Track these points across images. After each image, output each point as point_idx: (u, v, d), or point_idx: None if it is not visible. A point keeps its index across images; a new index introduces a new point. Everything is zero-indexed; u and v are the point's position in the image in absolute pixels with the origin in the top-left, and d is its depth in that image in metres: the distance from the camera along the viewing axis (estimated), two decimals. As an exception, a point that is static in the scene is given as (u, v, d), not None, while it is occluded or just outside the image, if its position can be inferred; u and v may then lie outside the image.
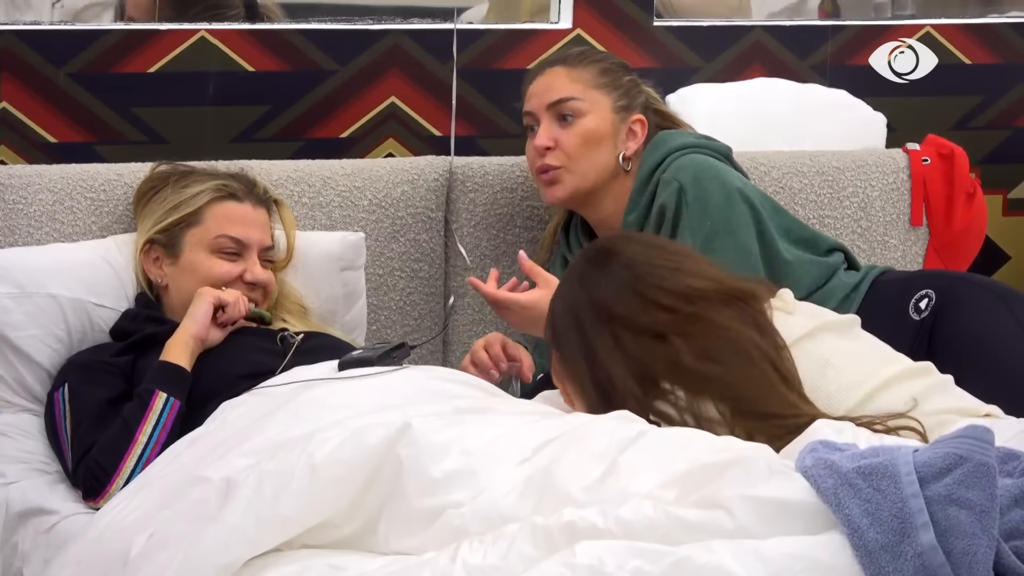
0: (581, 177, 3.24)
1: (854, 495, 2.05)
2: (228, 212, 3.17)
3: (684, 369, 2.45)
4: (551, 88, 3.26)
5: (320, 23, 3.72)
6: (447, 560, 2.14)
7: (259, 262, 3.17)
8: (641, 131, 3.28)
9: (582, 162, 3.23)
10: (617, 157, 3.25)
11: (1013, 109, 4.14)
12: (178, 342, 2.99)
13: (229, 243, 3.15)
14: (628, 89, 3.30)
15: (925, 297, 3.10)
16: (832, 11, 4.17)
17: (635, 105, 3.30)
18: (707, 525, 2.08)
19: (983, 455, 2.05)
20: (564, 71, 3.27)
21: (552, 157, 3.23)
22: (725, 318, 2.48)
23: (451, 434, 2.31)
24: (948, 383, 2.68)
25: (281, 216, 3.30)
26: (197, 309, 3.03)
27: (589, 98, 3.25)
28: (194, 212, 3.16)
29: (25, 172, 3.33)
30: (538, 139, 3.24)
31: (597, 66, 3.29)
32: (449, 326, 3.56)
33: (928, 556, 2.00)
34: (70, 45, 3.56)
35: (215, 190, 3.18)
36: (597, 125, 3.24)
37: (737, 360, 2.45)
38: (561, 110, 3.24)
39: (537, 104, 3.27)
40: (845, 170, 3.71)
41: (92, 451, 2.87)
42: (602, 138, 3.24)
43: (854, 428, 2.35)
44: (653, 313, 2.48)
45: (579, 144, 3.23)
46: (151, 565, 2.30)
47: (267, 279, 3.17)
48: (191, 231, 3.16)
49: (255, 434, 2.49)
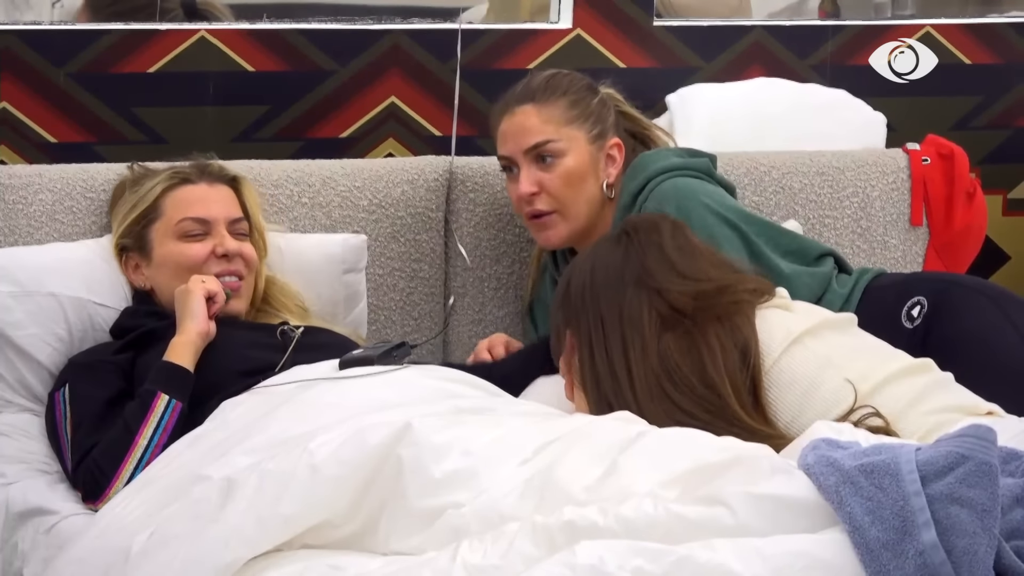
0: (574, 218, 3.20)
1: (856, 493, 2.05)
2: (184, 196, 3.16)
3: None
4: (525, 131, 3.20)
5: (320, 23, 3.72)
6: (447, 560, 2.15)
7: (231, 235, 3.15)
8: (619, 154, 3.24)
9: (571, 203, 3.19)
10: (602, 186, 3.23)
11: (1013, 109, 4.14)
12: (183, 343, 2.97)
13: (192, 225, 3.13)
14: (599, 114, 3.25)
15: (917, 305, 3.09)
16: (832, 11, 4.17)
17: (608, 128, 3.25)
18: (708, 522, 2.08)
19: (985, 454, 2.05)
20: (534, 111, 3.20)
21: (541, 202, 3.19)
22: (712, 335, 2.56)
23: (452, 434, 2.31)
24: (949, 380, 2.68)
25: (244, 193, 3.25)
26: (193, 305, 3.00)
27: (565, 136, 3.19)
28: (152, 206, 3.16)
29: (25, 172, 3.33)
30: (522, 187, 3.19)
31: (565, 99, 3.21)
32: (449, 326, 3.55)
33: (929, 554, 2.00)
34: (70, 45, 3.56)
35: (167, 179, 3.18)
36: (577, 162, 3.19)
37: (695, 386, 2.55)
38: (539, 152, 3.19)
39: (514, 148, 3.21)
40: (845, 170, 3.71)
41: (92, 453, 2.86)
42: (585, 174, 3.20)
43: (853, 429, 2.35)
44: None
45: (564, 185, 3.18)
46: (152, 564, 2.30)
47: (240, 248, 3.14)
48: (155, 226, 3.15)
49: (256, 433, 2.49)
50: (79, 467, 2.88)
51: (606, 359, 2.62)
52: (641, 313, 2.62)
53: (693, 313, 2.62)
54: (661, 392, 2.57)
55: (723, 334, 2.60)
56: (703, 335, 2.60)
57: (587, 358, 2.64)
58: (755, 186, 3.61)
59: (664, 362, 2.58)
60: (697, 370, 2.57)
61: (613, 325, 2.63)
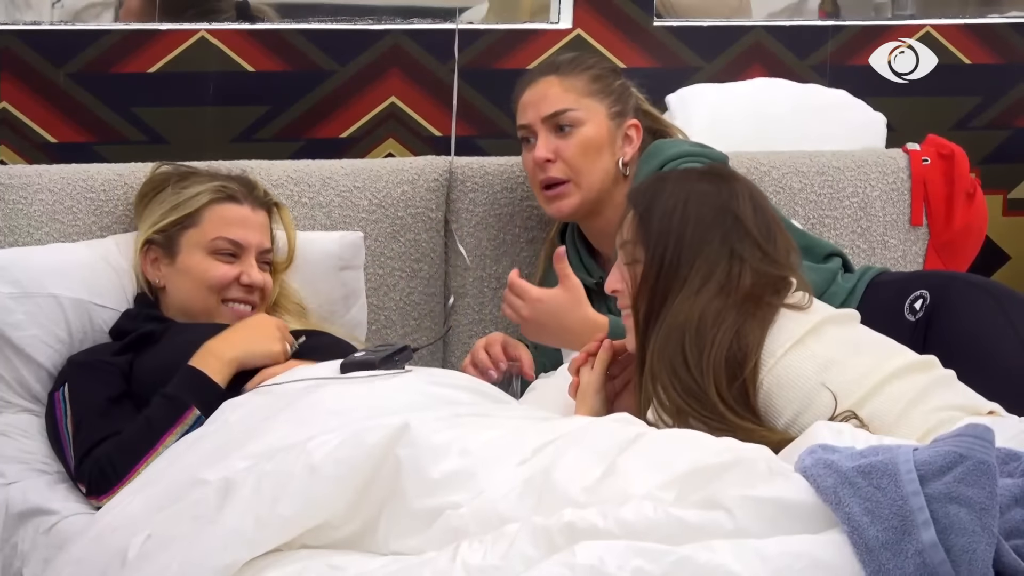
0: (587, 189, 3.22)
1: (854, 493, 2.05)
2: (226, 214, 3.16)
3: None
4: (545, 99, 3.24)
5: (320, 23, 3.72)
6: (447, 560, 2.15)
7: (257, 264, 3.16)
8: (637, 136, 3.28)
9: (586, 172, 3.22)
10: (617, 163, 3.25)
11: (1013, 109, 4.14)
12: (230, 360, 2.93)
13: (227, 245, 3.14)
14: (620, 94, 3.29)
15: (920, 298, 3.10)
16: (832, 11, 4.17)
17: (628, 110, 3.29)
18: (707, 526, 2.08)
19: (983, 453, 2.05)
20: (556, 80, 3.25)
21: (555, 169, 3.22)
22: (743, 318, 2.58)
23: (450, 435, 2.31)
24: (951, 378, 2.68)
25: (282, 219, 3.28)
26: (272, 347, 2.96)
27: (584, 107, 3.23)
28: (192, 213, 3.15)
29: (25, 172, 3.33)
30: (538, 151, 3.22)
31: (588, 73, 3.27)
32: (449, 326, 3.55)
33: (929, 554, 2.00)
34: (70, 45, 3.56)
35: (214, 191, 3.17)
36: (595, 133, 3.23)
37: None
38: (558, 121, 3.22)
39: (533, 116, 3.25)
40: (845, 170, 3.71)
41: (104, 446, 2.84)
42: (601, 146, 3.24)
43: (852, 430, 2.35)
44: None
45: (580, 154, 3.22)
46: (151, 566, 2.30)
47: (264, 282, 3.16)
48: (188, 232, 3.15)
49: (256, 438, 2.48)
50: (84, 460, 2.87)
51: (663, 286, 2.62)
52: (714, 267, 2.62)
53: (746, 293, 2.61)
54: (673, 345, 2.57)
55: (735, 327, 2.59)
56: (726, 318, 2.60)
57: (651, 276, 2.64)
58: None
59: (692, 322, 2.58)
60: (699, 347, 2.58)
61: (687, 261, 2.62)
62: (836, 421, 2.46)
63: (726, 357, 2.55)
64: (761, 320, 2.60)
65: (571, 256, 3.30)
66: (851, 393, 2.56)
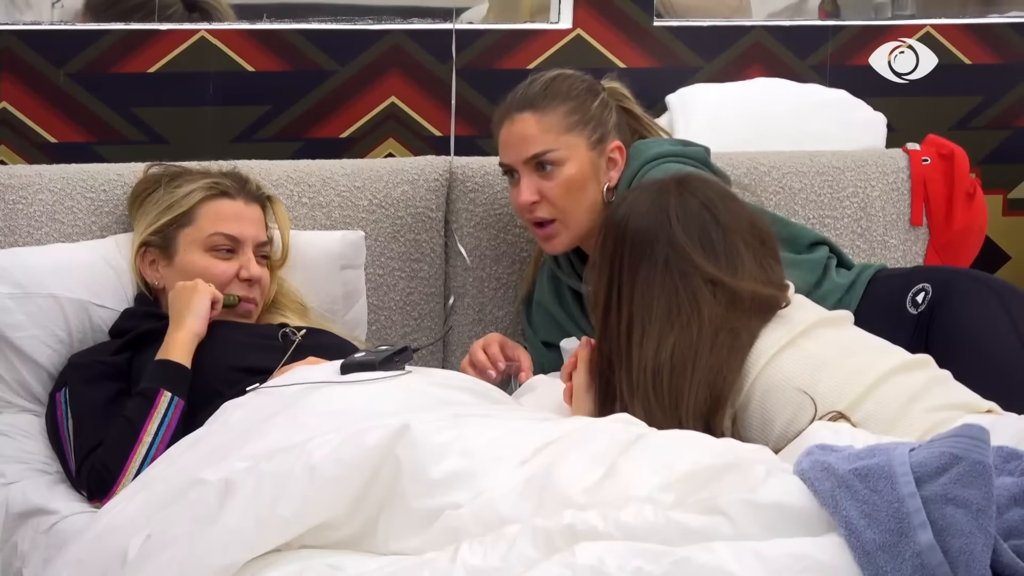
0: (575, 226, 3.18)
1: (851, 496, 2.05)
2: (220, 210, 3.16)
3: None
4: (524, 141, 3.18)
5: (320, 23, 3.72)
6: (447, 561, 2.15)
7: (255, 258, 3.16)
8: (620, 157, 3.22)
9: (572, 211, 3.17)
10: (602, 191, 3.21)
11: (1013, 109, 4.14)
12: (182, 340, 2.98)
13: (223, 240, 3.14)
14: (599, 118, 3.22)
15: (922, 291, 3.10)
16: (832, 11, 4.17)
17: (609, 131, 3.23)
18: (707, 530, 2.08)
19: (979, 454, 2.05)
20: (533, 120, 3.18)
21: (542, 210, 3.18)
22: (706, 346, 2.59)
23: (450, 435, 2.31)
24: (947, 377, 2.68)
25: (275, 213, 3.28)
26: (199, 305, 3.01)
27: (564, 144, 3.17)
28: (186, 212, 3.16)
29: (25, 172, 3.33)
30: (523, 196, 3.17)
31: (564, 106, 3.18)
32: (449, 326, 3.56)
33: (926, 555, 2.00)
34: (70, 45, 3.56)
35: (206, 188, 3.17)
36: (578, 171, 3.17)
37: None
38: (539, 161, 3.17)
39: (515, 158, 3.20)
40: (845, 170, 3.71)
41: (97, 452, 2.86)
42: (585, 181, 3.18)
43: (852, 429, 2.35)
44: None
45: (564, 194, 3.16)
46: (150, 566, 2.30)
47: (262, 275, 3.16)
48: (184, 231, 3.15)
49: (256, 438, 2.48)
50: (83, 467, 2.88)
51: (622, 331, 2.66)
52: (669, 300, 2.64)
53: (711, 322, 2.62)
54: (642, 394, 2.60)
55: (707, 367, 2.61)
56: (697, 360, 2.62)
57: (606, 327, 2.69)
58: (755, 186, 3.60)
59: (663, 368, 2.60)
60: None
61: (632, 298, 2.66)
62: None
63: (705, 399, 2.57)
64: (733, 348, 2.61)
65: (563, 262, 3.30)
66: (844, 395, 2.56)
